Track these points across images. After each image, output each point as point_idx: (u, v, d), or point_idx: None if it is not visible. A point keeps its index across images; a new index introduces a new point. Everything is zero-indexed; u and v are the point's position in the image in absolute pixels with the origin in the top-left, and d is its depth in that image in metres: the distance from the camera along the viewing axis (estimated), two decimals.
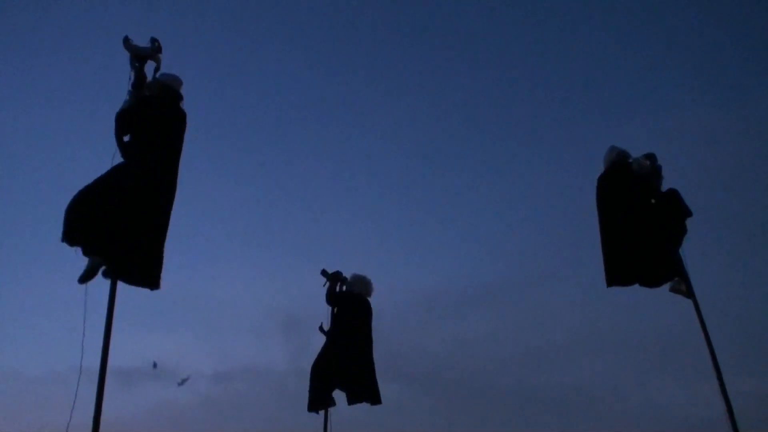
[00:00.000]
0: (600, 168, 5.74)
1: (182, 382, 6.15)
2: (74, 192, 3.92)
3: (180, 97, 4.60)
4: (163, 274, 4.08)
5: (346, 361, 6.22)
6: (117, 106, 4.27)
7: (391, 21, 16.22)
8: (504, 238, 15.12)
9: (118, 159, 4.20)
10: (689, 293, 5.09)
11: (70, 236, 3.84)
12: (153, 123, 4.32)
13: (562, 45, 15.69)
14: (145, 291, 4.01)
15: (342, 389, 6.22)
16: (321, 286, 6.59)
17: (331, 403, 6.22)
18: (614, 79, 15.35)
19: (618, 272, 5.31)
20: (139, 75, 4.43)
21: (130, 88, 4.38)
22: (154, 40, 4.52)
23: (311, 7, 15.60)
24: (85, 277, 3.91)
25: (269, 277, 14.50)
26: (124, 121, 4.27)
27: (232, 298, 13.75)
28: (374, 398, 6.21)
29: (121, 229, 3.92)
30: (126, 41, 4.46)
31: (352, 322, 6.45)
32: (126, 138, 4.25)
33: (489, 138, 16.28)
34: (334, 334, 6.43)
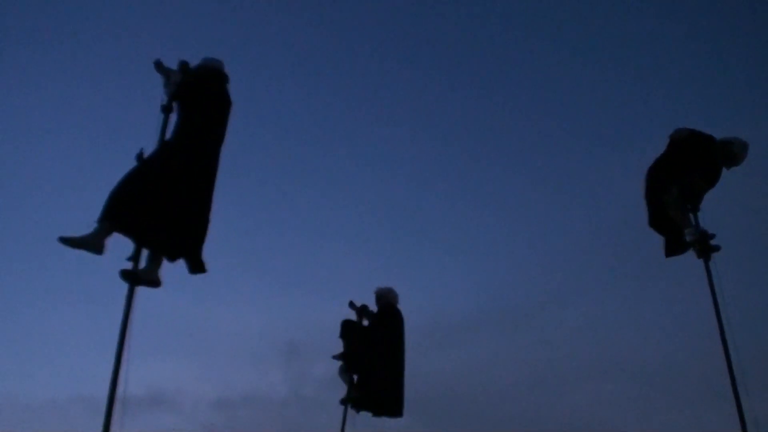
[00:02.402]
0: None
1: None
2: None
3: (227, 79, 4.47)
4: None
5: (382, 379, 6.34)
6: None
7: (393, 49, 16.43)
8: (506, 264, 15.04)
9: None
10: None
11: (110, 216, 3.75)
12: (200, 103, 4.24)
13: (569, 77, 15.84)
14: (145, 316, 3.93)
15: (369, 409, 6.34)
16: (323, 313, 6.78)
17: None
18: (617, 110, 15.48)
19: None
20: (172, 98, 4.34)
21: (161, 111, 4.30)
22: (183, 63, 4.45)
23: (306, 30, 15.74)
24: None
25: (269, 303, 14.37)
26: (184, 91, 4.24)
27: (232, 324, 13.61)
28: (396, 411, 6.28)
29: (163, 210, 3.86)
30: (158, 64, 4.38)
31: (393, 336, 6.59)
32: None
33: (490, 164, 16.33)
34: (376, 346, 6.52)
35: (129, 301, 3.78)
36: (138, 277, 3.85)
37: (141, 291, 3.88)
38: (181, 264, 4.05)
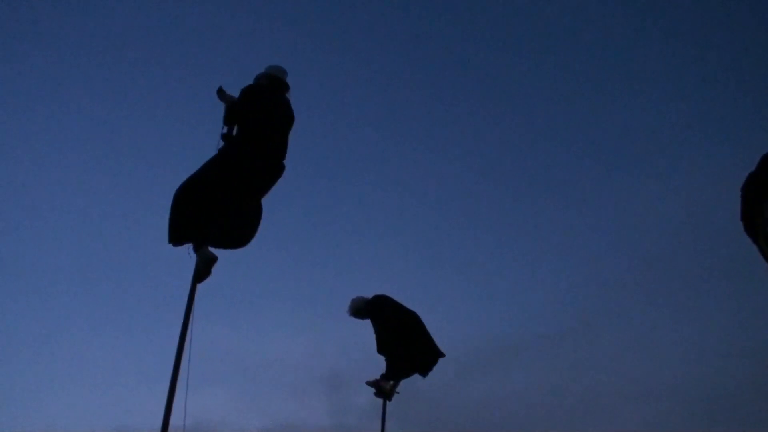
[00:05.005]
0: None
1: None
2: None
3: (287, 87, 4.54)
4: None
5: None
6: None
7: (410, 69, 16.59)
8: (529, 295, 14.90)
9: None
10: None
11: (176, 236, 3.92)
12: (261, 112, 4.24)
13: (592, 105, 15.77)
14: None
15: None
16: (365, 341, 6.73)
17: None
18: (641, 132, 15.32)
19: None
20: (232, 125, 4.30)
21: (222, 139, 4.23)
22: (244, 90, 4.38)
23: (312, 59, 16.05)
24: (201, 276, 3.89)
25: (311, 332, 14.43)
26: (234, 113, 4.23)
27: (274, 353, 13.69)
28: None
29: (224, 216, 4.03)
30: (221, 92, 4.25)
31: (393, 315, 6.68)
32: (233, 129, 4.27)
33: (520, 191, 16.26)
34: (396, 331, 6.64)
35: (183, 332, 3.78)
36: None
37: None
38: (220, 298, 4.16)
